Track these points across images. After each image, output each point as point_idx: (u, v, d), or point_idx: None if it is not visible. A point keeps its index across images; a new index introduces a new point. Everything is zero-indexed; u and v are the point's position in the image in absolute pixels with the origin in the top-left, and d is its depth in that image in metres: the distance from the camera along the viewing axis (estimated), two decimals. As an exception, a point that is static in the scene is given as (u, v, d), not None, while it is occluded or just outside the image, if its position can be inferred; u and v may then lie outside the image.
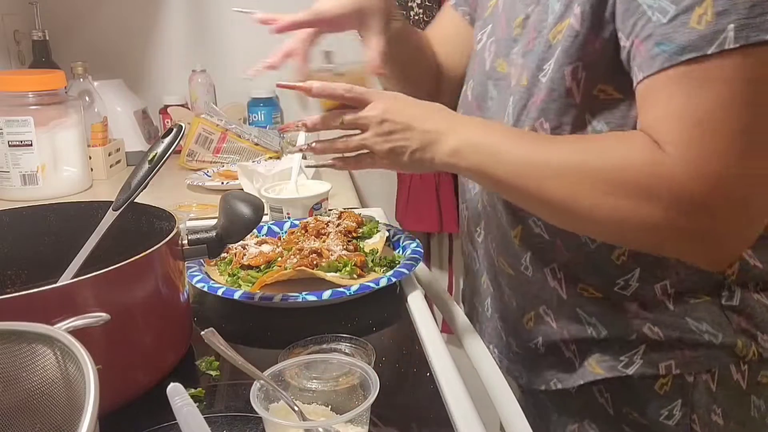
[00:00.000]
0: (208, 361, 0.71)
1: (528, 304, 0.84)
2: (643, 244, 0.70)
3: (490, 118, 0.84)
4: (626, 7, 0.64)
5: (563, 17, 0.70)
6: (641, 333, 0.76)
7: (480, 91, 0.87)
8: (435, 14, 1.84)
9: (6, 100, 1.33)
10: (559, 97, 0.71)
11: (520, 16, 0.79)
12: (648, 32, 0.62)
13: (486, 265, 0.91)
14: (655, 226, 0.64)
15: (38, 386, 0.44)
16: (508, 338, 0.89)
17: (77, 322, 0.53)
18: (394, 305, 0.87)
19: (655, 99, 0.64)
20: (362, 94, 0.76)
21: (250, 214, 0.69)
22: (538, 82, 0.73)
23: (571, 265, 0.78)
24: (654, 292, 0.75)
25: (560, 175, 0.67)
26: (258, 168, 1.33)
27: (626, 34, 0.65)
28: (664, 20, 0.60)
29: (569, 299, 0.79)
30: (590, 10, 0.67)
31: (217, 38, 1.89)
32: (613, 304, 0.77)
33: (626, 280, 0.75)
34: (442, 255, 2.14)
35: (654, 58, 0.62)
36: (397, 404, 0.66)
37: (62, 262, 0.71)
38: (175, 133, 0.74)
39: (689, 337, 0.75)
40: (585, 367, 0.80)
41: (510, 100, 0.79)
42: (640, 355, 0.76)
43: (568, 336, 0.80)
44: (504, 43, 0.82)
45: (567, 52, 0.70)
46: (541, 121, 0.73)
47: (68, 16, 1.80)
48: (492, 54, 0.85)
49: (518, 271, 0.83)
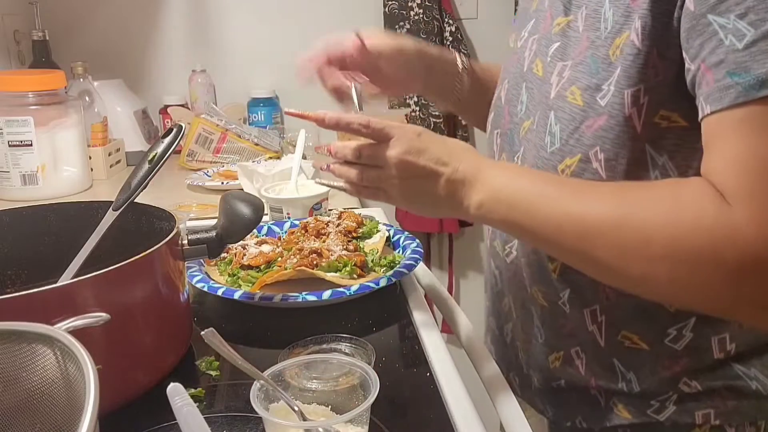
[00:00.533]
0: (208, 361, 0.71)
1: (559, 342, 0.75)
2: (704, 308, 0.62)
3: (517, 124, 0.76)
4: (692, 23, 0.55)
5: (622, 30, 0.61)
6: (677, 388, 0.69)
7: (513, 94, 0.78)
8: (435, 14, 1.86)
9: (6, 100, 1.33)
10: (617, 124, 0.61)
11: (561, 15, 0.70)
12: (718, 58, 0.53)
13: (513, 288, 0.81)
14: (717, 291, 0.55)
15: (38, 386, 0.44)
16: (529, 371, 0.81)
17: (77, 322, 0.53)
18: (394, 305, 0.87)
19: (722, 140, 0.54)
20: (381, 129, 0.68)
21: (250, 214, 0.69)
22: (595, 104, 0.63)
23: (615, 309, 0.69)
24: (710, 346, 0.66)
25: (604, 231, 0.58)
26: (258, 168, 1.33)
27: (691, 57, 0.56)
28: (740, 45, 0.51)
29: (606, 347, 0.70)
30: (652, 24, 0.58)
31: (217, 38, 1.89)
32: (657, 358, 0.68)
33: (679, 329, 0.66)
34: (442, 255, 2.14)
35: (724, 91, 0.52)
36: (397, 404, 0.66)
37: (62, 262, 0.71)
38: (175, 133, 0.74)
39: (734, 384, 0.67)
40: (612, 408, 0.72)
41: (551, 116, 0.68)
42: (673, 402, 0.69)
43: (594, 384, 0.73)
44: (544, 42, 0.73)
45: (627, 72, 0.60)
46: (596, 150, 0.63)
47: (68, 16, 1.81)
48: (532, 53, 0.75)
49: (555, 305, 0.74)
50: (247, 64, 1.90)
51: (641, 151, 0.62)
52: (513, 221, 0.64)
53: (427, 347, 0.75)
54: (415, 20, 1.85)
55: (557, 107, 0.67)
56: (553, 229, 0.61)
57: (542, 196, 0.62)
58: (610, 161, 0.63)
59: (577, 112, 0.65)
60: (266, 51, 1.90)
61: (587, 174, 0.65)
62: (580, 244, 0.59)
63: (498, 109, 0.83)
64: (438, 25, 1.86)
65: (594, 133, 0.63)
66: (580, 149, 0.65)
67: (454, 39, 1.89)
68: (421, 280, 0.98)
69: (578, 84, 0.65)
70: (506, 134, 0.79)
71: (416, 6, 1.84)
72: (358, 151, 0.70)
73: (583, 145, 0.64)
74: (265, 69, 1.90)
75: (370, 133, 0.69)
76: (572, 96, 0.65)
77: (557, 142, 0.67)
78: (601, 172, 0.64)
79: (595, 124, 0.63)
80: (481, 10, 1.97)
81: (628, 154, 0.62)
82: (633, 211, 0.57)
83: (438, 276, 2.07)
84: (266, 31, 1.89)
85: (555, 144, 0.67)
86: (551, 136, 0.68)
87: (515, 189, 0.64)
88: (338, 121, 0.70)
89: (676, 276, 0.55)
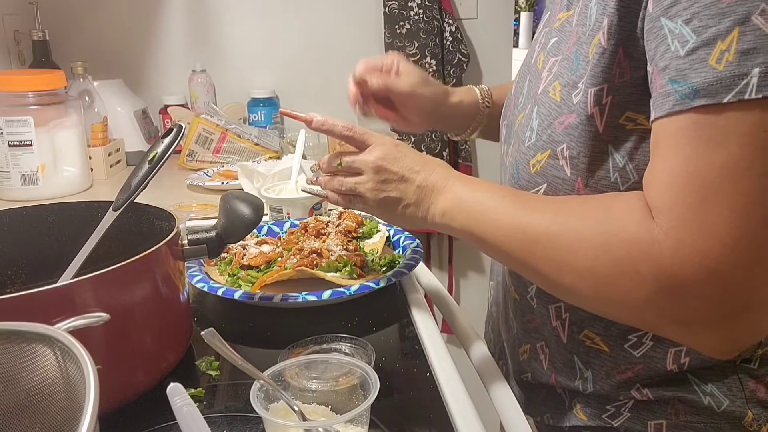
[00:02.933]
0: (208, 361, 0.71)
1: (527, 335, 0.77)
2: (633, 323, 0.62)
3: (515, 116, 0.76)
4: (650, 26, 0.53)
5: (598, 29, 0.59)
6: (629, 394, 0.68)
7: (519, 86, 0.78)
8: (435, 14, 1.86)
9: (6, 100, 1.33)
10: (581, 123, 0.61)
11: (564, 10, 0.69)
12: (665, 63, 0.51)
13: (501, 279, 0.84)
14: (638, 307, 0.54)
15: (38, 386, 0.44)
16: (508, 362, 0.84)
17: (77, 322, 0.53)
18: (394, 305, 0.87)
19: (658, 149, 0.53)
20: (361, 135, 0.73)
21: (250, 214, 0.70)
22: (569, 101, 0.63)
23: (579, 309, 0.68)
24: (665, 357, 0.65)
25: (541, 241, 0.59)
26: (258, 168, 1.33)
27: (649, 59, 0.54)
28: (682, 52, 0.50)
29: (568, 344, 0.71)
30: (618, 23, 0.56)
31: (217, 38, 1.89)
32: (615, 362, 0.68)
33: (639, 336, 0.66)
34: (442, 255, 2.14)
35: (665, 98, 0.51)
36: (397, 404, 0.66)
37: (62, 262, 0.71)
38: (175, 133, 0.74)
39: (686, 396, 0.65)
40: (572, 408, 0.73)
41: (534, 110, 0.69)
42: (628, 409, 0.68)
43: (554, 382, 0.74)
44: (549, 36, 0.72)
45: (593, 71, 0.59)
46: (563, 148, 0.63)
47: (68, 16, 1.81)
48: (539, 46, 0.74)
49: (524, 299, 0.76)
50: (247, 64, 1.90)
51: (602, 151, 0.61)
52: (469, 230, 0.66)
53: (427, 347, 0.75)
54: (415, 20, 1.85)
55: (540, 102, 0.68)
56: (501, 239, 0.63)
57: (496, 207, 0.64)
58: (573, 159, 0.63)
59: (553, 108, 0.65)
60: (266, 51, 1.90)
61: (553, 170, 0.65)
62: (522, 254, 0.61)
63: (508, 100, 0.83)
64: (438, 25, 1.86)
65: (564, 130, 0.63)
66: (550, 145, 0.65)
67: (454, 39, 1.89)
68: (421, 280, 0.98)
69: (560, 80, 0.65)
70: (509, 126, 0.79)
71: (416, 6, 1.84)
72: (338, 156, 0.74)
73: (552, 141, 0.65)
74: (265, 69, 1.90)
75: (351, 137, 0.73)
76: (553, 91, 0.66)
77: (534, 137, 0.67)
78: (566, 169, 0.64)
79: (566, 120, 0.63)
80: (481, 10, 1.97)
81: (590, 153, 0.61)
82: (568, 222, 0.58)
83: (438, 276, 2.07)
84: (266, 31, 1.89)
85: (531, 139, 0.68)
86: (530, 131, 0.68)
87: (475, 199, 0.66)
88: (323, 124, 0.75)
89: (599, 289, 0.55)
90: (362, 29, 1.91)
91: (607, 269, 0.54)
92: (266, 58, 1.90)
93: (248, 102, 1.85)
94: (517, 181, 0.70)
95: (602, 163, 0.61)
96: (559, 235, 0.58)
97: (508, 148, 0.77)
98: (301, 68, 1.90)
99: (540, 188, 0.67)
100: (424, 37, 1.85)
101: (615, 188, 0.61)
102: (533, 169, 0.67)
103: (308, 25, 1.88)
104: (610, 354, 0.68)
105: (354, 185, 0.73)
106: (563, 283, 0.58)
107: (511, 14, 2.02)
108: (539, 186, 0.67)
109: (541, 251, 0.59)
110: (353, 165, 0.73)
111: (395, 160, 0.71)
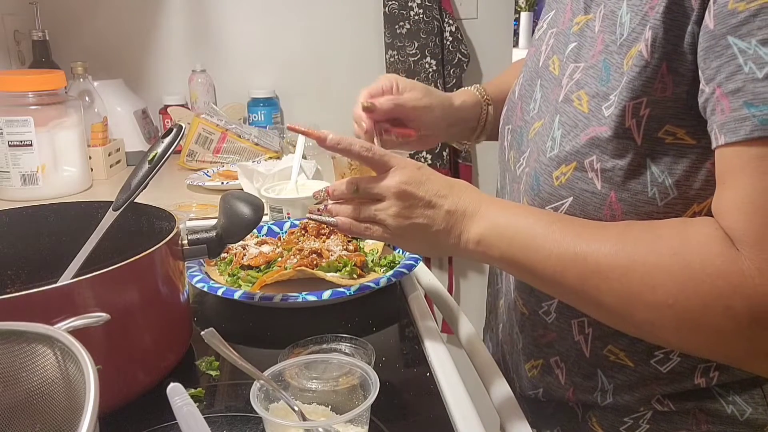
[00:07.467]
0: (208, 361, 0.71)
1: (537, 350, 0.74)
2: (717, 358, 0.59)
3: (528, 123, 0.73)
4: (711, 43, 0.51)
5: (638, 39, 0.57)
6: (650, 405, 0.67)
7: (527, 90, 0.75)
8: (435, 14, 1.86)
9: (6, 100, 1.33)
10: (616, 135, 0.58)
11: (582, 13, 0.67)
12: (736, 85, 0.49)
13: (505, 290, 0.80)
14: (728, 342, 0.52)
15: (38, 386, 0.44)
16: (512, 375, 0.80)
17: (77, 322, 0.53)
18: (394, 305, 0.87)
19: (734, 177, 0.50)
20: (382, 156, 0.66)
21: (250, 214, 0.70)
22: (599, 113, 0.60)
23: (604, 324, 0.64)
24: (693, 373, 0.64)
25: (608, 274, 0.55)
26: (258, 168, 1.33)
27: (707, 78, 0.52)
28: (760, 75, 0.47)
29: (591, 359, 0.69)
30: (663, 37, 0.54)
31: (217, 38, 1.89)
32: (640, 377, 0.66)
33: (667, 353, 0.64)
34: (442, 255, 2.14)
35: (740, 122, 0.48)
36: (397, 404, 0.66)
37: (62, 262, 0.71)
38: (175, 133, 0.74)
39: (709, 406, 0.64)
40: (587, 422, 0.71)
41: (556, 119, 0.66)
42: (647, 420, 0.67)
43: (572, 396, 0.72)
44: (563, 39, 0.70)
45: (632, 83, 0.56)
46: (592, 160, 0.60)
47: (68, 16, 1.81)
48: (549, 48, 0.72)
49: (535, 314, 0.72)
50: (247, 64, 1.90)
51: (640, 164, 0.59)
52: (512, 258, 0.61)
53: (427, 347, 0.75)
54: (415, 20, 1.85)
55: (563, 111, 0.65)
56: (554, 269, 0.58)
57: (545, 234, 0.59)
58: (606, 172, 0.60)
59: (580, 119, 0.62)
60: (266, 51, 1.90)
61: (581, 183, 0.62)
62: (581, 286, 0.57)
63: (511, 103, 0.80)
64: (438, 25, 1.86)
65: (592, 142, 0.60)
66: (575, 157, 0.62)
67: (454, 39, 1.89)
68: (421, 280, 0.98)
69: (587, 89, 0.62)
70: (517, 131, 0.77)
71: (416, 6, 1.84)
72: (354, 183, 0.68)
73: (578, 153, 0.62)
74: (265, 69, 1.90)
75: (371, 158, 0.67)
76: (578, 101, 0.63)
77: (556, 148, 0.64)
78: (596, 182, 0.61)
79: (594, 132, 0.60)
80: (481, 10, 1.97)
81: (627, 166, 0.59)
82: (638, 253, 0.54)
83: (438, 276, 2.07)
84: (266, 31, 1.89)
85: (554, 149, 0.65)
86: (552, 140, 0.65)
87: (518, 225, 0.61)
88: (339, 142, 0.67)
89: (682, 324, 0.53)
90: (362, 29, 1.91)
91: (692, 304, 0.51)
92: (266, 58, 1.90)
93: (248, 102, 1.85)
94: (538, 193, 0.66)
95: (639, 176, 0.59)
96: (629, 267, 0.54)
97: (517, 155, 0.75)
98: (301, 68, 1.90)
99: (565, 202, 0.63)
100: (424, 37, 1.85)
101: (652, 204, 0.59)
102: (557, 181, 0.64)
103: (308, 25, 1.88)
104: (634, 369, 0.66)
105: (374, 212, 0.67)
106: (636, 319, 0.55)
107: (511, 14, 2.02)
108: (564, 200, 0.63)
109: (606, 284, 0.55)
110: (372, 191, 0.66)
111: (420, 184, 0.65)
